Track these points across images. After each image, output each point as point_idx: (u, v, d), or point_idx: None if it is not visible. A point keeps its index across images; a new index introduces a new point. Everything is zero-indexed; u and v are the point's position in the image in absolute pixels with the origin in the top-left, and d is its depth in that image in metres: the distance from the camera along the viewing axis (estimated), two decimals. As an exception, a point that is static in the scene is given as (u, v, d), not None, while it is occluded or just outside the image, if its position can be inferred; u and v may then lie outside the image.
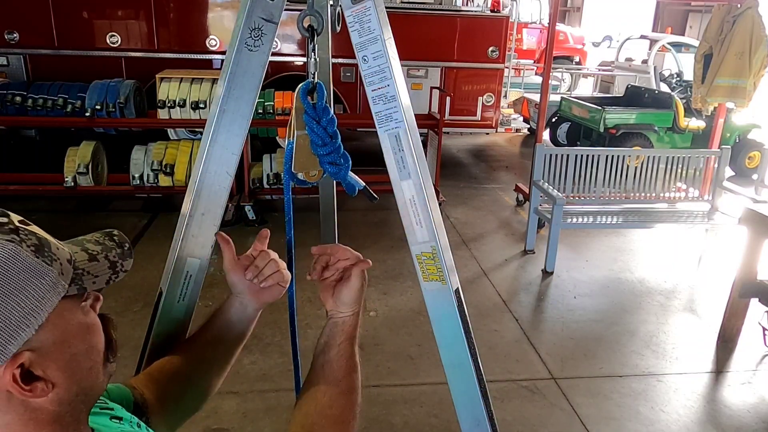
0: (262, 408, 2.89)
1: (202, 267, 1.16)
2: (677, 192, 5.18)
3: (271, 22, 1.09)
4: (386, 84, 1.09)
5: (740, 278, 3.60)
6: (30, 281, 0.65)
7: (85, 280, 0.72)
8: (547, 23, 11.32)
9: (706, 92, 5.19)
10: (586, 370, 3.39)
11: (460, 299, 1.16)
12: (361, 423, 2.99)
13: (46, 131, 6.36)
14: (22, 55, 5.96)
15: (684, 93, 7.86)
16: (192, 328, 1.19)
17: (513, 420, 2.92)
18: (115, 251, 0.77)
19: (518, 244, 5.13)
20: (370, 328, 3.69)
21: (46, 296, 0.66)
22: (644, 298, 4.30)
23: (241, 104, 1.11)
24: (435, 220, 1.13)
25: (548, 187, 4.74)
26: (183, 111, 5.18)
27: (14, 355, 0.64)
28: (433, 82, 6.51)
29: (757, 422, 3.01)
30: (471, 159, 8.16)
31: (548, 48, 5.30)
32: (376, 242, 4.95)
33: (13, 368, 0.64)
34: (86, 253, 0.74)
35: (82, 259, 0.73)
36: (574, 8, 22.60)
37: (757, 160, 7.45)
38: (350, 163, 1.20)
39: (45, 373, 0.67)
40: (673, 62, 8.83)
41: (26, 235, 0.67)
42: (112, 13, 6.14)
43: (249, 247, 1.12)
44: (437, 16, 6.66)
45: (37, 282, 0.66)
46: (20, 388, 0.64)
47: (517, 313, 3.97)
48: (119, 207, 5.52)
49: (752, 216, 3.53)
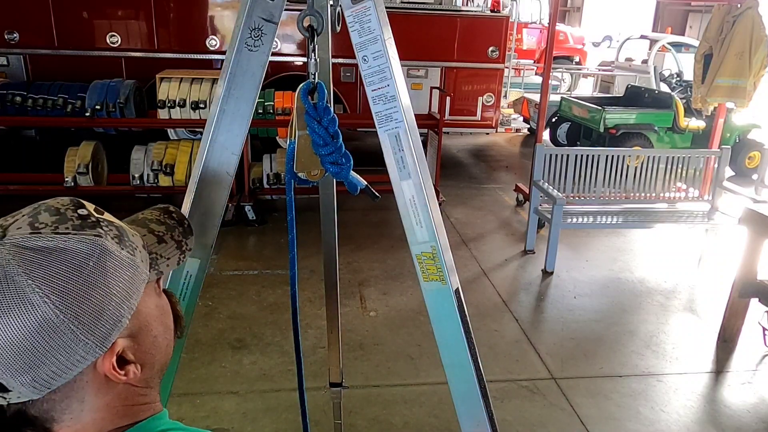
0: (262, 408, 2.89)
1: (202, 267, 1.17)
2: (677, 192, 5.18)
3: (271, 22, 1.09)
4: (386, 84, 1.09)
5: (740, 278, 3.60)
6: (121, 273, 0.67)
7: (161, 263, 0.75)
8: (547, 23, 11.32)
9: (706, 92, 5.19)
10: (586, 370, 3.39)
11: (460, 299, 1.16)
12: (362, 423, 2.99)
13: (46, 131, 6.36)
14: (22, 55, 5.96)
15: (684, 93, 7.85)
16: (192, 327, 1.19)
17: (513, 420, 2.92)
18: (178, 230, 0.79)
19: (518, 244, 5.13)
20: (370, 328, 3.69)
21: (134, 285, 0.69)
22: (644, 298, 4.30)
23: (241, 104, 1.11)
24: (435, 220, 1.13)
25: (548, 187, 4.74)
26: (183, 111, 5.17)
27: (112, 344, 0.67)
28: (433, 82, 6.51)
29: (757, 422, 3.01)
30: (471, 159, 8.16)
31: (548, 48, 5.30)
32: (376, 242, 4.95)
33: (112, 356, 0.67)
34: (154, 236, 0.76)
35: (151, 242, 0.75)
36: (574, 8, 22.60)
37: (757, 160, 7.45)
38: (352, 163, 1.20)
39: (135, 356, 0.71)
40: (673, 62, 8.82)
41: (107, 227, 0.69)
42: (112, 13, 6.14)
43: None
44: (437, 16, 6.66)
45: (127, 273, 0.68)
46: (117, 373, 0.68)
47: (517, 313, 3.97)
48: (119, 207, 5.50)
49: (752, 216, 3.53)
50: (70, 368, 0.64)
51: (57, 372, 0.63)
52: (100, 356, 0.66)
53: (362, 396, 3.02)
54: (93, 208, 0.70)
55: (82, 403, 0.68)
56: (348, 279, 4.25)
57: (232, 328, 3.56)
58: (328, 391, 2.14)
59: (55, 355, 0.63)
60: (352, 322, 3.70)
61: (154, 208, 0.82)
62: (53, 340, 0.62)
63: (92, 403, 0.69)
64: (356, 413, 2.88)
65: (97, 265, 0.65)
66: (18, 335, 0.61)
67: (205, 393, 2.98)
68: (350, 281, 4.25)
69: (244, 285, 4.08)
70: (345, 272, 4.31)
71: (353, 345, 3.45)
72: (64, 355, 0.63)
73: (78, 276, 0.64)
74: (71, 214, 0.67)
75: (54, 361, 0.63)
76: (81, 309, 0.63)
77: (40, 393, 0.64)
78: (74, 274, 0.63)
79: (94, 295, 0.64)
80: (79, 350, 0.64)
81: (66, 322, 0.62)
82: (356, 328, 3.64)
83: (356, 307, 3.93)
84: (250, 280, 4.17)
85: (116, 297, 0.66)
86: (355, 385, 3.05)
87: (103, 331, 0.65)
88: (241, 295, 3.93)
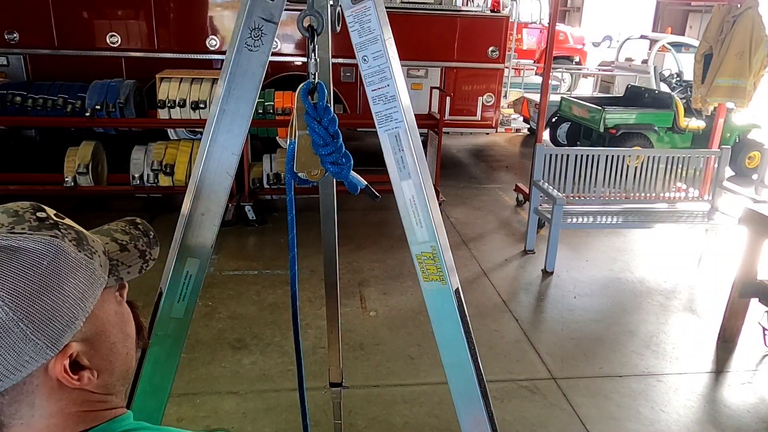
0: (262, 408, 2.89)
1: (202, 267, 1.17)
2: (677, 192, 5.18)
3: (271, 22, 1.09)
4: (386, 84, 1.09)
5: (740, 278, 3.60)
6: (77, 275, 0.67)
7: (121, 270, 0.74)
8: (547, 23, 11.32)
9: (706, 92, 5.19)
10: (586, 370, 3.39)
11: (460, 299, 1.16)
12: (361, 423, 2.99)
13: (46, 131, 6.36)
14: (22, 55, 5.96)
15: (684, 93, 7.85)
16: (192, 327, 1.19)
17: (513, 420, 2.92)
18: (143, 240, 0.80)
19: (518, 244, 5.13)
20: (370, 328, 3.69)
21: (91, 288, 0.69)
22: (644, 298, 4.30)
23: (241, 104, 1.11)
24: (435, 220, 1.13)
25: (548, 187, 4.74)
26: (183, 111, 5.18)
27: (64, 347, 0.66)
28: (433, 82, 6.51)
29: (757, 422, 3.01)
30: (471, 159, 8.16)
31: (548, 48, 5.30)
32: (376, 242, 4.95)
33: (64, 359, 0.66)
34: (116, 243, 0.76)
35: (113, 249, 0.75)
36: (574, 8, 22.61)
37: (757, 160, 7.45)
38: (352, 162, 1.20)
39: (90, 362, 0.70)
40: (673, 62, 8.83)
41: (66, 229, 0.69)
42: (112, 13, 6.14)
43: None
44: (437, 16, 6.66)
45: (83, 275, 0.68)
46: (69, 378, 0.67)
47: (517, 313, 3.97)
48: (119, 207, 5.52)
49: (752, 216, 3.53)
50: (18, 369, 0.62)
51: (4, 373, 0.62)
52: (51, 358, 0.65)
53: (362, 396, 3.02)
54: (53, 213, 0.70)
55: (33, 407, 0.66)
56: (348, 279, 4.25)
57: (232, 328, 3.56)
58: (328, 391, 2.14)
59: (3, 355, 0.61)
60: (352, 322, 3.70)
61: (120, 220, 0.83)
62: (1, 339, 0.61)
63: (44, 408, 0.67)
64: (356, 413, 2.88)
65: (51, 264, 0.64)
66: None
67: (205, 393, 2.98)
68: (350, 281, 4.25)
69: (244, 285, 4.08)
70: (345, 272, 4.31)
71: (353, 345, 3.45)
72: (13, 355, 0.62)
73: (31, 275, 0.63)
74: (29, 216, 0.67)
75: (1, 361, 0.62)
76: (32, 308, 0.62)
77: None
78: (27, 272, 0.63)
79: (47, 294, 0.63)
80: (29, 350, 0.62)
81: (15, 320, 0.61)
82: (356, 328, 3.64)
83: (356, 307, 3.93)
84: (250, 280, 4.17)
85: (70, 298, 0.65)
86: (355, 385, 3.05)
87: (55, 331, 0.64)
88: (241, 295, 3.94)
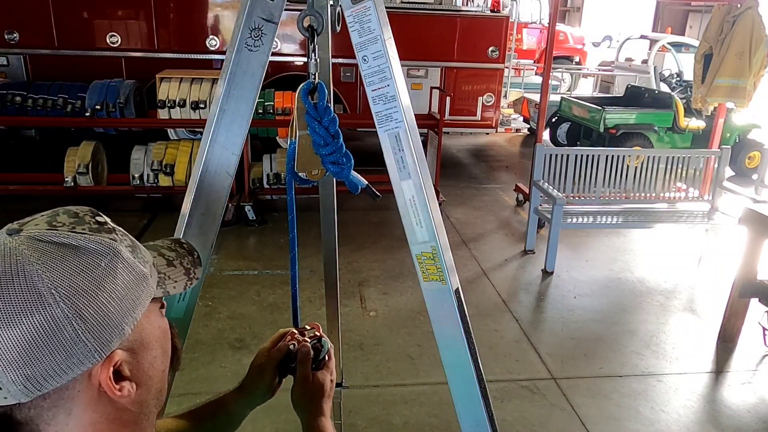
0: (262, 408, 2.87)
1: (202, 267, 1.16)
2: (677, 192, 5.18)
3: (271, 22, 1.09)
4: (386, 84, 1.08)
5: (740, 278, 3.60)
6: (131, 281, 0.67)
7: (168, 284, 0.74)
8: (547, 23, 11.32)
9: (706, 92, 5.18)
10: (586, 370, 3.39)
11: (460, 299, 1.16)
12: (361, 423, 2.98)
13: (46, 131, 6.36)
14: (22, 55, 5.96)
15: (684, 93, 7.85)
16: (192, 327, 1.19)
17: (513, 420, 2.92)
18: (188, 258, 0.79)
19: (518, 244, 5.13)
20: (370, 328, 3.69)
21: (142, 296, 0.68)
22: (644, 298, 4.30)
23: (241, 104, 1.11)
24: (435, 220, 1.13)
25: (548, 187, 4.74)
26: (183, 111, 5.18)
27: (110, 354, 0.65)
28: (433, 82, 6.51)
29: (757, 422, 3.01)
30: (471, 159, 8.15)
31: (548, 48, 5.30)
32: (376, 242, 4.95)
33: (109, 366, 0.65)
34: (164, 258, 0.76)
35: (161, 263, 0.75)
36: (574, 8, 22.59)
37: (757, 160, 7.45)
38: (352, 162, 1.20)
39: (132, 373, 0.68)
40: (673, 62, 8.83)
41: (122, 235, 0.69)
42: (112, 13, 6.14)
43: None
44: (437, 16, 6.66)
45: (136, 282, 0.67)
46: (112, 386, 0.66)
47: (517, 313, 3.97)
48: (119, 207, 5.52)
49: (752, 216, 3.53)
50: (65, 371, 0.62)
51: (52, 373, 0.61)
52: (98, 363, 0.64)
53: (362, 396, 3.02)
54: (110, 220, 0.71)
55: (69, 416, 0.66)
56: (348, 279, 4.25)
57: (232, 328, 3.56)
58: (328, 391, 2.14)
59: (54, 353, 0.61)
60: (352, 322, 3.70)
61: (166, 239, 0.83)
62: (54, 336, 0.61)
63: (79, 418, 0.66)
64: (356, 413, 2.88)
65: (108, 266, 0.65)
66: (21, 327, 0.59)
67: (205, 393, 2.97)
68: (350, 281, 4.25)
69: (244, 285, 4.08)
70: (345, 272, 4.31)
71: (353, 345, 3.45)
72: (63, 354, 0.61)
73: (88, 274, 0.63)
74: (89, 219, 0.68)
75: (51, 360, 0.61)
76: (87, 308, 0.62)
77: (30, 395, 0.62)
78: (85, 271, 0.63)
79: (102, 295, 0.64)
80: (78, 352, 0.62)
81: (69, 318, 0.61)
82: (356, 328, 3.64)
83: (356, 307, 3.93)
84: (250, 280, 4.17)
85: (123, 303, 0.65)
86: (355, 385, 3.05)
87: (105, 335, 0.64)
88: (241, 295, 3.94)
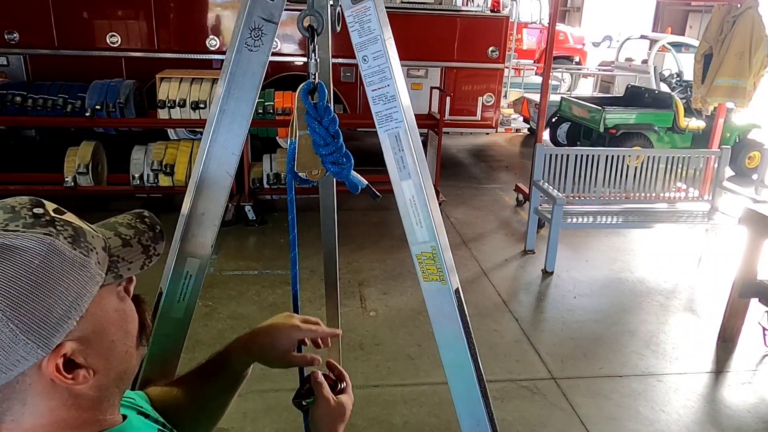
0: (262, 408, 2.89)
1: (202, 267, 1.16)
2: (677, 192, 5.18)
3: (271, 22, 1.09)
4: (386, 84, 1.08)
5: (740, 278, 3.60)
6: (70, 274, 0.66)
7: (121, 267, 0.73)
8: (547, 23, 11.31)
9: (706, 92, 5.18)
10: (586, 370, 3.39)
11: (460, 299, 1.16)
12: (361, 423, 2.98)
13: (46, 131, 6.36)
14: (22, 55, 5.96)
15: (684, 93, 7.85)
16: (192, 327, 1.20)
17: (513, 420, 2.92)
18: (147, 234, 0.78)
19: (518, 244, 5.13)
20: (370, 328, 3.69)
21: (85, 288, 0.67)
22: (644, 298, 4.30)
23: (241, 104, 1.11)
24: (435, 220, 1.13)
25: (548, 187, 4.74)
26: (183, 111, 5.18)
27: (57, 346, 0.65)
28: (433, 82, 6.51)
29: (757, 422, 3.01)
30: (471, 159, 8.15)
31: (548, 48, 5.30)
32: (376, 242, 4.95)
33: (57, 358, 0.65)
34: (120, 239, 0.75)
35: (116, 245, 0.74)
36: (574, 8, 22.60)
37: (757, 160, 7.45)
38: (353, 162, 1.20)
39: (86, 361, 0.68)
40: (673, 62, 8.83)
41: (62, 226, 0.68)
42: (112, 13, 6.14)
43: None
44: (437, 16, 6.66)
45: (77, 274, 0.67)
46: (63, 377, 0.66)
47: (517, 313, 3.97)
48: (119, 207, 5.52)
49: (752, 216, 3.53)
50: (9, 368, 0.62)
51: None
52: (43, 358, 0.64)
53: (362, 396, 3.02)
54: (52, 208, 0.69)
55: (24, 405, 0.66)
56: (348, 279, 4.25)
57: (232, 328, 3.56)
58: (328, 391, 2.14)
59: None
60: (352, 322, 3.69)
61: (128, 213, 0.81)
62: None
63: (36, 406, 0.67)
64: (356, 413, 2.86)
65: (43, 264, 0.64)
66: None
67: (205, 393, 2.97)
68: (350, 281, 4.25)
69: (244, 285, 4.08)
70: (345, 272, 4.31)
71: (353, 345, 3.45)
72: (3, 354, 0.61)
73: (21, 275, 0.62)
74: (25, 212, 0.67)
75: None
76: (22, 309, 0.62)
77: None
78: (18, 272, 0.62)
79: (38, 295, 0.63)
80: (19, 350, 0.62)
81: (5, 321, 0.61)
82: (356, 328, 3.64)
83: (356, 307, 3.93)
84: (250, 280, 4.17)
85: (62, 298, 0.65)
86: (355, 385, 3.03)
87: (46, 332, 0.63)
88: (241, 295, 3.93)
